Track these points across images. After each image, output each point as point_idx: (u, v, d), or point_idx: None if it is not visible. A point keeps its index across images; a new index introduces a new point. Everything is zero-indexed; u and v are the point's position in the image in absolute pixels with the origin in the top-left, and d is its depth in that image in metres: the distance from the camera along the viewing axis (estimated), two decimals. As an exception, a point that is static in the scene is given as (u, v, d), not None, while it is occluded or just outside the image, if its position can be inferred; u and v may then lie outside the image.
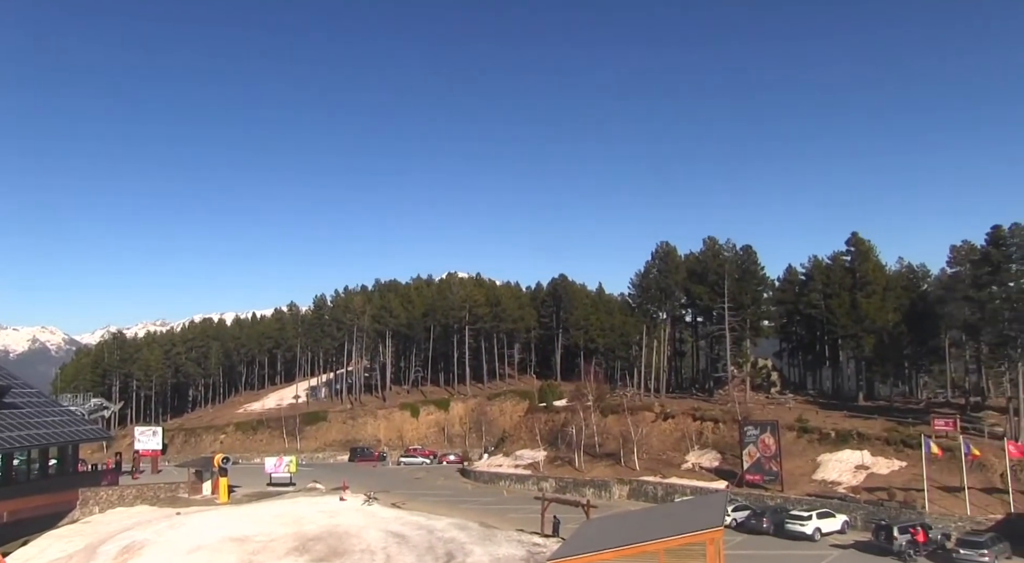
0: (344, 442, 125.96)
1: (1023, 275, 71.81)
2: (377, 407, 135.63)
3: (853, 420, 79.62)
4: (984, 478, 61.00)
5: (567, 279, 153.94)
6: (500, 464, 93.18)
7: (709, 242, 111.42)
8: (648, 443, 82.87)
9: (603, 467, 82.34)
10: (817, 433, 75.90)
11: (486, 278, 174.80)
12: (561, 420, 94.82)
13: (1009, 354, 72.20)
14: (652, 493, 73.22)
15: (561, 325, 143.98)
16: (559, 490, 77.64)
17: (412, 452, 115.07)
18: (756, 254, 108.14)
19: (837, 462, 70.39)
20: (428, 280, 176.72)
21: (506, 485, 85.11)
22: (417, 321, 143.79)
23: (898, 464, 67.10)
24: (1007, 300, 71.55)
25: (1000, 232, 72.80)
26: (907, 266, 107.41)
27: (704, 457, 79.51)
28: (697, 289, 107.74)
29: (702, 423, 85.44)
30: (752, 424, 72.70)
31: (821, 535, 54.78)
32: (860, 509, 59.45)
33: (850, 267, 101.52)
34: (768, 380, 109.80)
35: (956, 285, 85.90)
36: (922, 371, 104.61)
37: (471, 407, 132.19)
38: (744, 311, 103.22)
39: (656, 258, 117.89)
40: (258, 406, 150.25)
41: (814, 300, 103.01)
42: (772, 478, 68.29)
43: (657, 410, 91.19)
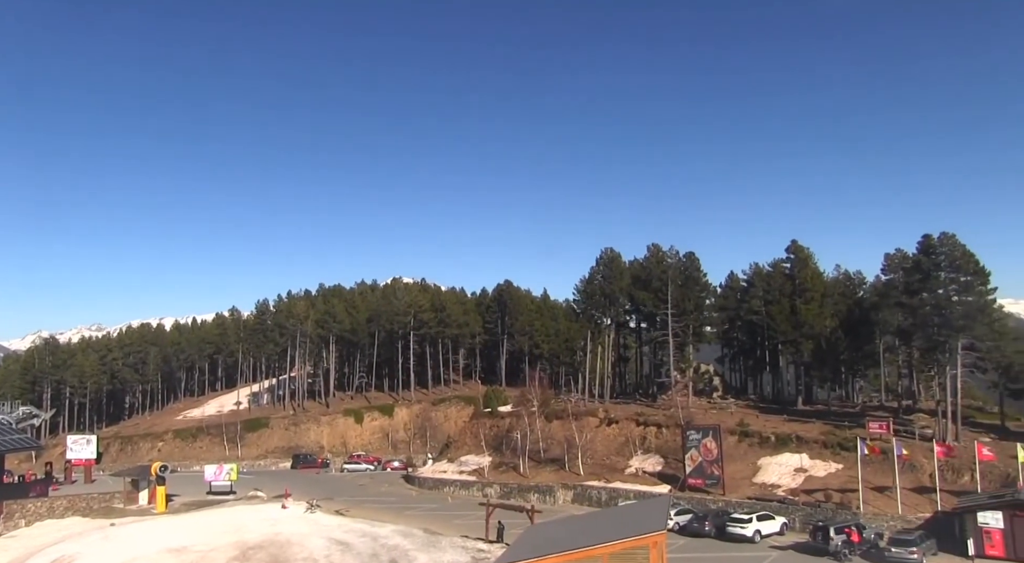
0: (286, 449, 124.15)
1: (951, 282, 73.96)
2: (320, 413, 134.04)
3: (792, 424, 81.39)
4: (915, 478, 62.88)
5: (512, 285, 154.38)
6: (445, 470, 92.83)
7: (653, 249, 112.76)
8: (592, 448, 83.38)
9: (548, 472, 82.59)
10: (757, 437, 77.40)
11: (431, 283, 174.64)
12: (506, 426, 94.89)
13: (938, 359, 74.44)
14: (596, 498, 73.65)
15: (506, 331, 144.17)
16: (504, 496, 77.67)
17: (356, 458, 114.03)
18: (699, 261, 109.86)
19: (777, 465, 71.80)
20: (373, 285, 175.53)
21: (451, 491, 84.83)
22: (361, 326, 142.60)
23: (835, 466, 68.74)
24: (936, 306, 73.62)
25: (930, 241, 74.96)
26: (844, 273, 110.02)
27: (648, 461, 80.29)
28: (641, 295, 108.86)
29: (646, 428, 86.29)
30: (694, 429, 73.70)
31: (761, 537, 55.79)
32: (799, 511, 60.71)
33: (790, 274, 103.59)
34: (710, 385, 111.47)
35: (890, 292, 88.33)
36: (858, 375, 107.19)
37: (416, 413, 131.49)
38: (687, 317, 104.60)
39: (601, 264, 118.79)
40: (198, 413, 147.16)
41: (755, 306, 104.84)
42: (714, 482, 69.27)
43: (601, 415, 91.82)
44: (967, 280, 73.06)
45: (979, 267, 73.22)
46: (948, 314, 72.09)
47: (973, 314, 71.75)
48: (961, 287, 73.33)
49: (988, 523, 50.18)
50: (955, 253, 73.30)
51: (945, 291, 73.88)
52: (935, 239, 74.56)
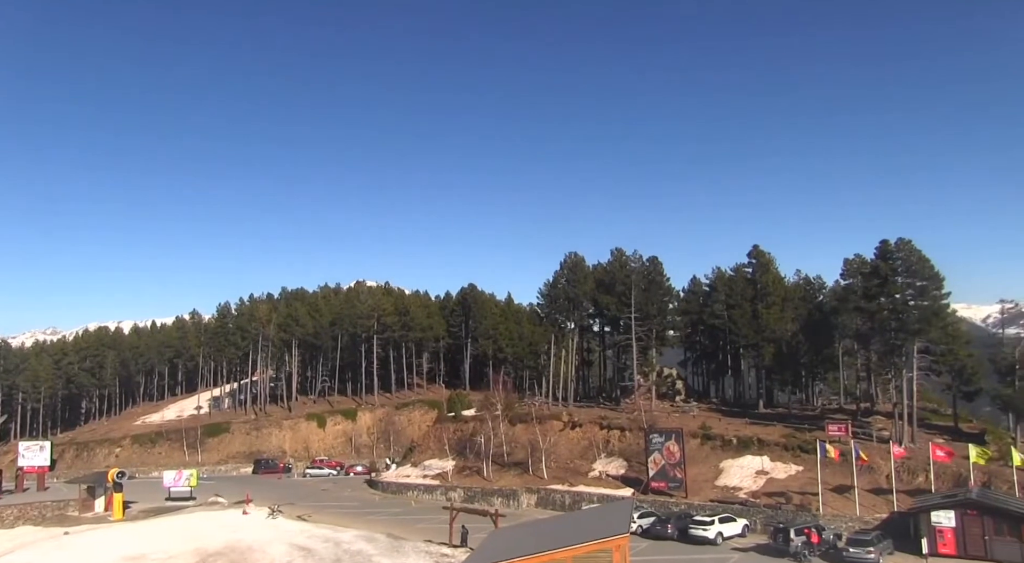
0: (248, 454, 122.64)
1: (908, 287, 75.44)
2: (283, 418, 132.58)
3: (754, 427, 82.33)
4: (872, 480, 63.98)
5: (476, 288, 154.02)
6: (408, 474, 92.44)
7: (616, 253, 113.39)
8: (556, 452, 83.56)
9: (512, 476, 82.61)
10: (720, 440, 78.21)
11: (395, 287, 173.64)
12: (470, 430, 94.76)
13: (895, 362, 75.83)
14: (560, 501, 73.83)
15: (470, 334, 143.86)
16: (468, 500, 77.55)
17: (318, 463, 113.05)
18: (662, 265, 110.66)
19: (739, 468, 72.59)
20: (336, 288, 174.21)
21: (414, 496, 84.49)
22: (324, 330, 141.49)
23: (795, 469, 69.71)
24: (893, 311, 75.04)
25: (888, 246, 76.35)
26: (804, 278, 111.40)
27: (611, 465, 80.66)
28: (605, 299, 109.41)
29: (609, 431, 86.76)
30: (657, 432, 74.18)
31: (723, 539, 56.41)
32: (760, 513, 61.49)
33: (751, 279, 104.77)
34: (673, 389, 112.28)
35: (849, 296, 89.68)
36: (818, 379, 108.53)
37: (379, 417, 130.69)
38: (650, 321, 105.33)
39: (565, 268, 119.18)
40: (157, 418, 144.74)
41: (717, 310, 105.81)
42: (677, 485, 69.79)
43: (565, 419, 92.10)
44: (922, 285, 74.62)
45: (934, 272, 74.79)
46: (904, 318, 73.53)
47: (928, 318, 73.29)
48: (917, 292, 74.89)
49: (941, 522, 51.45)
50: (911, 259, 74.80)
51: (902, 296, 75.34)
52: (892, 245, 75.96)
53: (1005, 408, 73.50)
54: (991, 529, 50.17)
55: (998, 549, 49.60)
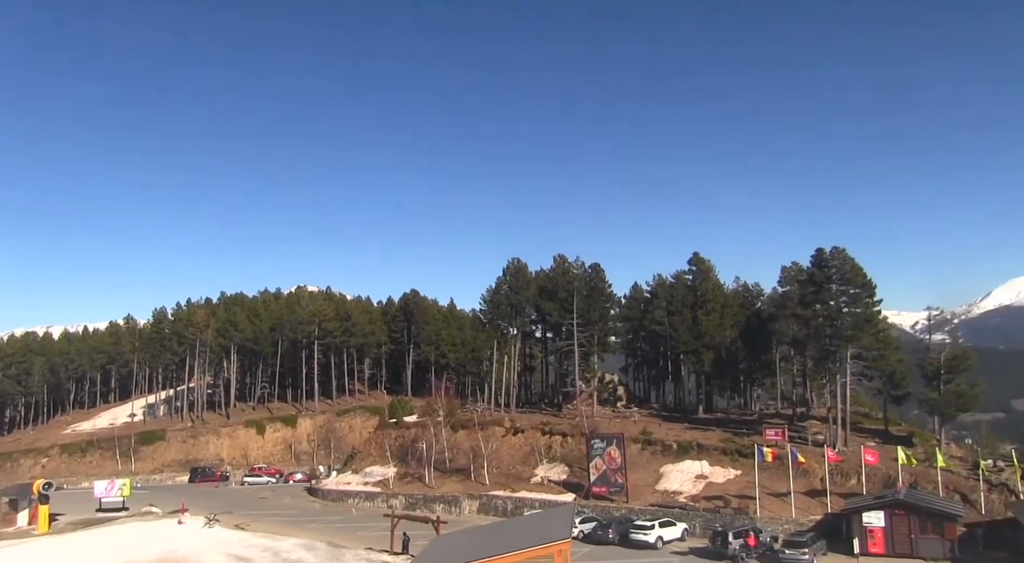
0: (184, 462, 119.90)
1: (842, 295, 77.45)
2: (220, 425, 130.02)
3: (693, 432, 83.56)
4: (808, 483, 65.46)
5: (419, 294, 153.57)
6: (349, 481, 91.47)
7: (559, 259, 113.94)
8: (498, 458, 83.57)
9: (454, 482, 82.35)
10: (660, 445, 79.12)
11: (337, 292, 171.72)
12: (411, 436, 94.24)
13: (830, 368, 77.73)
14: (502, 507, 73.86)
15: (412, 340, 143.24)
16: (409, 507, 77.17)
17: (257, 471, 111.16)
18: (604, 272, 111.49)
19: (679, 472, 73.54)
20: (276, 294, 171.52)
21: (355, 503, 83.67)
22: (264, 336, 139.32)
23: (734, 473, 70.90)
24: (828, 318, 76.94)
25: (823, 255, 78.26)
26: (743, 285, 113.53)
27: (553, 470, 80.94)
28: (547, 305, 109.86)
29: (551, 437, 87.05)
30: (599, 437, 74.67)
31: (663, 543, 57.07)
32: (699, 517, 62.41)
33: (692, 286, 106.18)
34: (614, 394, 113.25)
35: (785, 303, 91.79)
36: (756, 384, 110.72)
37: (320, 424, 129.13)
38: (592, 327, 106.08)
39: (507, 274, 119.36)
40: (88, 426, 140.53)
41: (658, 317, 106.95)
42: (618, 489, 70.34)
43: (507, 425, 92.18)
44: (856, 292, 76.68)
45: (866, 280, 76.94)
46: (838, 325, 75.44)
47: (861, 325, 75.36)
48: (850, 299, 76.91)
49: (871, 522, 53.11)
50: (845, 267, 76.79)
51: (836, 303, 77.28)
52: (827, 253, 77.84)
53: (931, 411, 75.84)
54: (917, 528, 52.14)
55: (923, 546, 51.60)
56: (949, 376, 73.24)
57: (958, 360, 74.44)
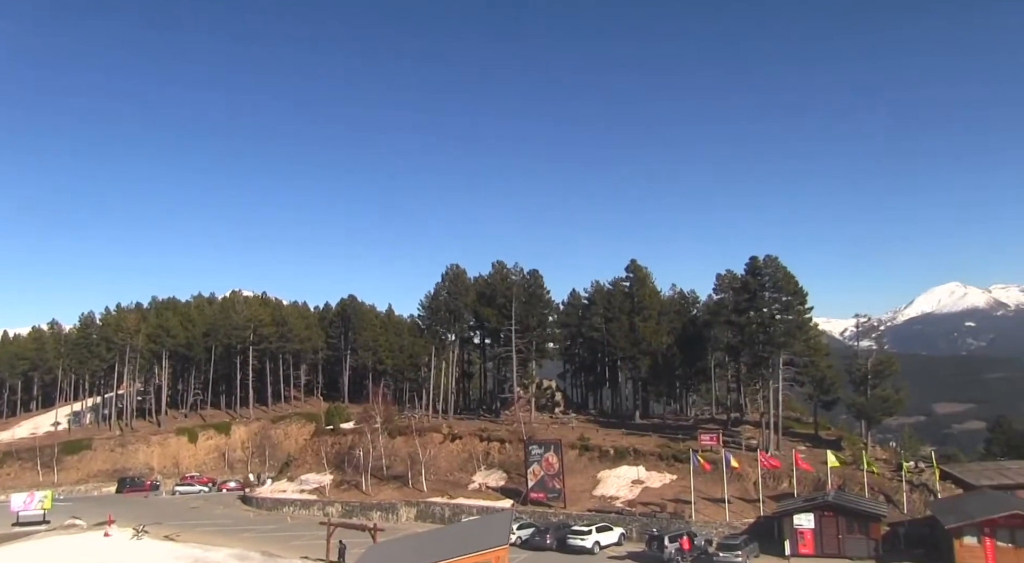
0: (112, 472, 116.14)
1: (774, 302, 79.22)
2: (151, 433, 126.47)
3: (630, 437, 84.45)
4: (742, 487, 66.74)
5: (356, 300, 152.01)
6: (284, 489, 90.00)
7: (498, 266, 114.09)
8: (436, 464, 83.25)
9: (391, 489, 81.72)
10: (597, 451, 79.71)
11: (273, 297, 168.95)
12: (348, 443, 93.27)
13: (763, 373, 79.41)
14: (439, 514, 73.54)
15: (350, 346, 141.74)
16: (346, 514, 76.29)
17: (188, 480, 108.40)
18: (542, 278, 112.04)
19: (616, 478, 74.19)
20: (210, 298, 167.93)
21: (290, 511, 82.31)
22: (198, 341, 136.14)
23: (670, 477, 71.85)
24: (761, 324, 78.62)
25: (756, 263, 79.95)
26: (679, 292, 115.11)
27: (491, 477, 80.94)
28: (486, 311, 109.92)
29: (489, 443, 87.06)
30: (537, 443, 74.94)
31: (600, 548, 57.51)
32: (636, 521, 63.06)
33: (629, 292, 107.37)
34: (552, 400, 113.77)
35: (720, 310, 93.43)
36: (691, 390, 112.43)
37: (254, 431, 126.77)
38: (530, 333, 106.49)
39: (446, 280, 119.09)
40: (7, 436, 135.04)
41: (596, 323, 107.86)
42: (555, 495, 70.63)
43: (445, 431, 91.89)
44: (787, 300, 78.48)
45: (798, 288, 78.81)
46: (771, 332, 77.09)
47: (793, 332, 77.15)
48: (783, 306, 78.68)
49: (802, 524, 54.47)
50: (777, 275, 78.54)
51: (769, 310, 78.97)
52: (760, 262, 79.50)
53: (859, 416, 77.97)
54: (844, 528, 53.71)
55: (850, 546, 53.16)
56: (875, 381, 75.46)
57: (883, 366, 76.76)
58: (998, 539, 47.77)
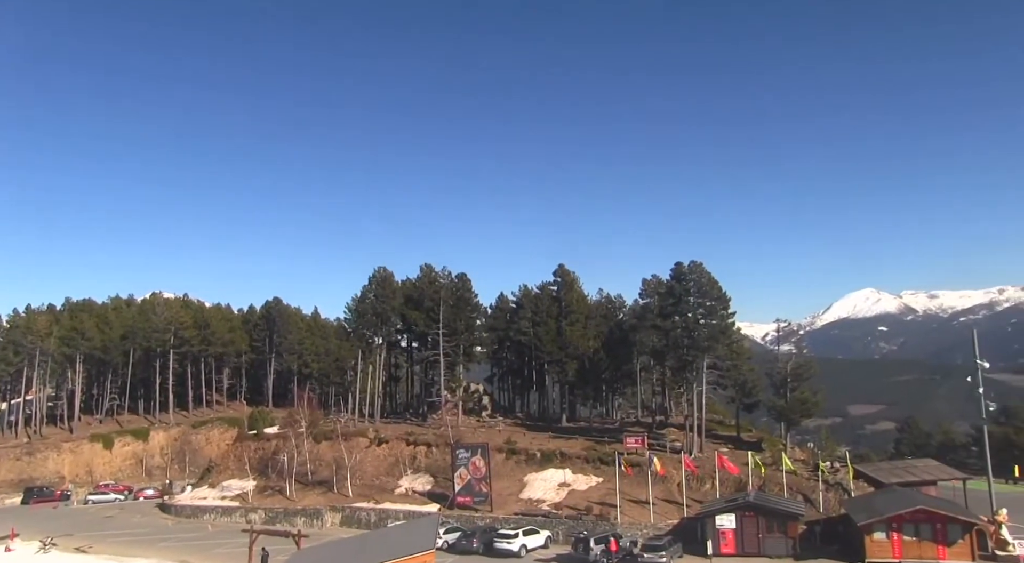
0: (17, 482, 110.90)
1: (699, 307, 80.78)
2: (62, 440, 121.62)
3: (557, 441, 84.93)
4: (666, 489, 67.78)
5: (281, 302, 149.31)
6: (205, 496, 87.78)
7: (426, 269, 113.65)
8: (362, 469, 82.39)
9: (316, 495, 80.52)
10: (524, 454, 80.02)
11: (195, 299, 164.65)
12: (272, 448, 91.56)
13: (687, 377, 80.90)
14: (365, 519, 72.80)
15: (274, 349, 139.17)
16: (269, 521, 74.92)
17: (103, 488, 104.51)
18: (470, 282, 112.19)
19: (542, 481, 74.53)
20: (129, 300, 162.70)
21: (211, 518, 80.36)
22: (114, 344, 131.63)
23: (596, 480, 72.51)
24: (686, 329, 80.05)
25: (681, 268, 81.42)
26: (606, 297, 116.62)
27: (417, 481, 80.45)
28: (413, 315, 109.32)
29: (416, 447, 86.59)
30: (464, 447, 74.78)
31: (527, 551, 57.68)
32: (562, 524, 63.46)
33: (556, 296, 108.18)
34: (480, 404, 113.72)
35: (646, 315, 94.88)
36: (617, 393, 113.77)
37: (174, 436, 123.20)
38: (458, 337, 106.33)
39: (373, 283, 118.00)
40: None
41: (523, 327, 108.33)
42: (482, 499, 70.60)
43: (371, 435, 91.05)
44: (712, 305, 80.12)
45: (721, 293, 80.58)
46: (696, 336, 78.57)
47: (716, 336, 78.81)
48: (707, 311, 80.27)
49: (724, 524, 55.69)
50: (702, 280, 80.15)
51: (693, 315, 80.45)
52: (685, 267, 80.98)
53: (779, 418, 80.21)
54: (764, 528, 55.11)
55: (769, 545, 54.54)
56: (795, 384, 77.70)
57: (802, 369, 79.14)
58: (904, 533, 50.00)
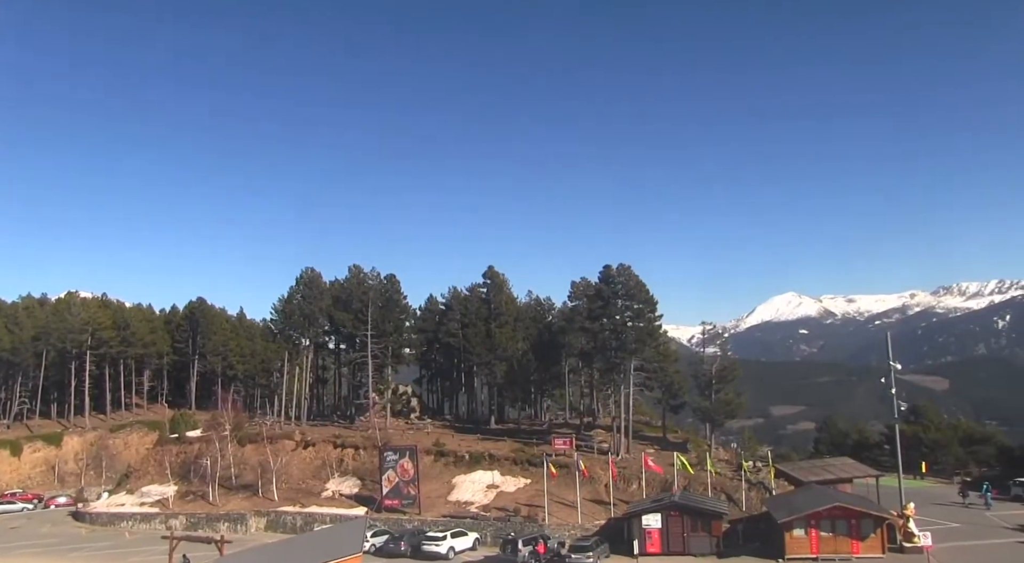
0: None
1: (627, 309, 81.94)
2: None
3: (485, 442, 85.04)
4: (594, 490, 68.51)
5: (206, 302, 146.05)
6: (123, 503, 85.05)
7: (354, 270, 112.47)
8: (288, 472, 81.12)
9: (240, 499, 78.87)
10: (453, 456, 79.85)
11: (114, 299, 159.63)
12: (195, 451, 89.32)
13: (614, 379, 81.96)
14: (291, 524, 71.70)
15: (198, 351, 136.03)
16: (191, 527, 73.04)
17: (9, 497, 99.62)
18: (399, 283, 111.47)
19: (471, 483, 74.53)
20: (42, 299, 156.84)
21: (129, 526, 77.93)
22: (25, 345, 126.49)
23: (524, 481, 72.86)
24: (614, 331, 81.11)
25: (610, 271, 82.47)
26: (536, 299, 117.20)
27: (345, 484, 79.56)
28: (341, 316, 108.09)
29: (343, 450, 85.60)
30: (392, 449, 74.28)
31: (455, 553, 57.62)
32: (490, 526, 63.59)
33: (486, 298, 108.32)
34: (408, 406, 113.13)
35: (575, 317, 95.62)
36: (546, 395, 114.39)
37: (90, 441, 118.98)
38: (387, 338, 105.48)
39: (300, 284, 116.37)
40: None
41: (452, 329, 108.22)
42: (410, 501, 70.22)
43: (298, 438, 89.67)
44: (639, 307, 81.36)
45: (649, 296, 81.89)
46: (623, 338, 79.66)
47: (644, 338, 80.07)
48: (634, 314, 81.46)
49: (650, 524, 56.59)
50: (630, 283, 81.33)
51: (621, 317, 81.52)
52: (614, 270, 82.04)
53: (703, 419, 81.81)
54: (689, 527, 56.25)
55: (693, 544, 55.68)
56: (719, 386, 79.37)
57: (726, 371, 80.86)
58: (821, 530, 51.64)
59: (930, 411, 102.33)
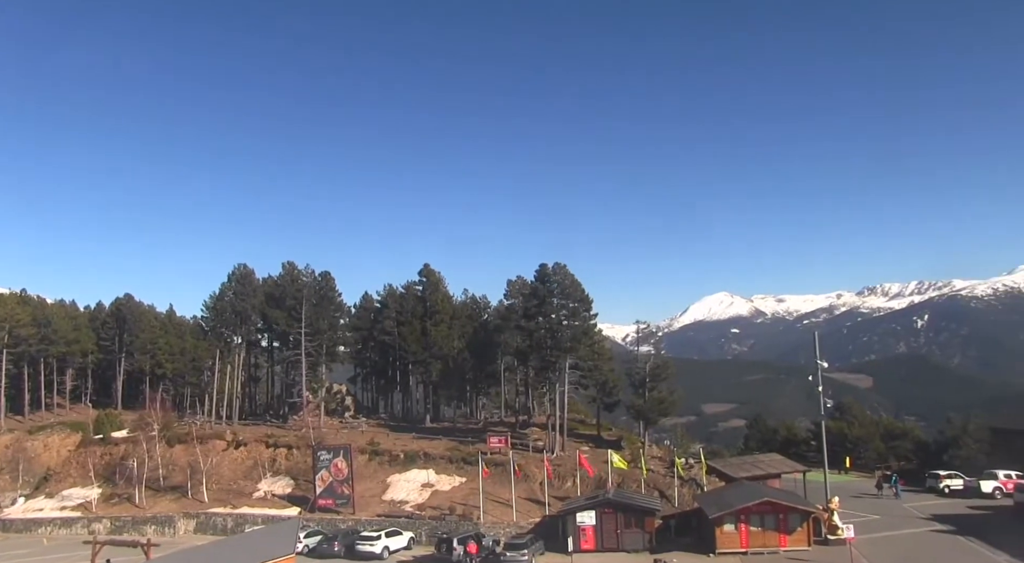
0: None
1: (562, 308, 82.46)
2: None
3: (421, 441, 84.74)
4: (529, 488, 68.88)
5: (133, 299, 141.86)
6: (41, 508, 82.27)
7: (288, 266, 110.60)
8: (219, 473, 79.71)
9: (168, 501, 77.13)
10: (387, 455, 79.46)
11: (34, 295, 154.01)
12: (121, 453, 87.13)
13: (550, 377, 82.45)
14: (222, 525, 70.40)
15: (125, 349, 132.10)
16: (115, 531, 71.26)
17: None
18: (334, 280, 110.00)
19: (406, 482, 74.29)
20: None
21: (48, 532, 75.44)
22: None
23: (459, 480, 72.90)
24: (549, 330, 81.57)
25: (546, 270, 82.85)
26: (472, 297, 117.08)
27: (277, 484, 78.44)
28: (274, 313, 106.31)
29: (276, 450, 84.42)
30: (325, 449, 73.51)
31: (389, 553, 57.34)
32: (425, 525, 63.46)
33: (421, 296, 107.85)
34: (342, 405, 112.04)
35: (511, 316, 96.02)
36: (482, 393, 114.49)
37: (5, 444, 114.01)
38: (321, 336, 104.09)
39: (232, 280, 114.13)
40: None
41: (388, 327, 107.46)
42: (344, 501, 69.60)
43: (229, 438, 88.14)
44: (575, 306, 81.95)
45: (584, 295, 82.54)
46: (559, 337, 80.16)
47: (579, 337, 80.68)
48: (570, 313, 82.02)
49: (584, 521, 57.25)
50: (565, 282, 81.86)
51: (557, 316, 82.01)
52: (550, 269, 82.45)
53: (637, 417, 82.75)
54: (622, 523, 57.00)
55: (627, 540, 56.43)
56: (653, 384, 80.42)
57: (660, 369, 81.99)
58: (751, 524, 52.88)
59: (854, 408, 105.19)
